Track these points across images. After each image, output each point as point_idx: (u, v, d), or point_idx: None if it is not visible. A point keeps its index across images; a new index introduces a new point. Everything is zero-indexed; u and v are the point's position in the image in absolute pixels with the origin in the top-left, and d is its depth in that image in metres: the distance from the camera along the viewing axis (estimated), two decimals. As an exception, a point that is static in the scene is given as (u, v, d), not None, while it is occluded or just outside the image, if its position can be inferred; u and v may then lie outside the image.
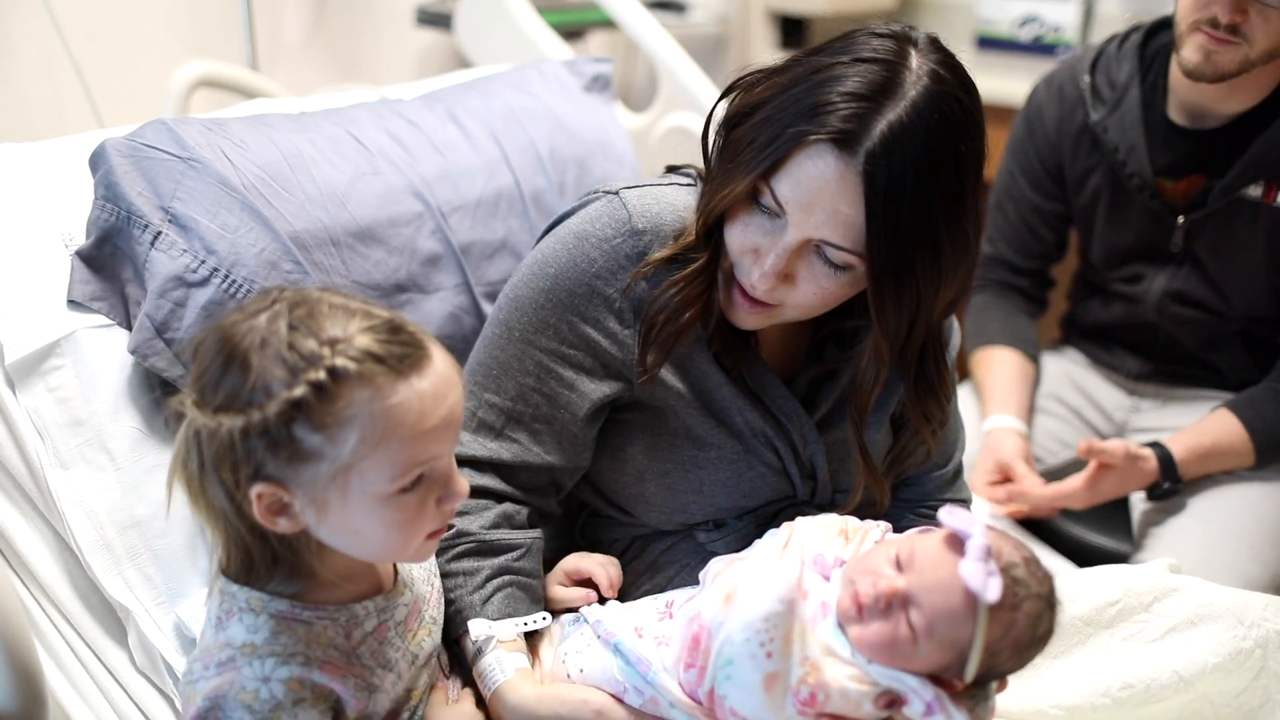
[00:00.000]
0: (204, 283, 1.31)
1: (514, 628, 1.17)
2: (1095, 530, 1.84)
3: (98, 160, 1.36)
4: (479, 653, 1.15)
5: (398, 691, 1.08)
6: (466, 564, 1.20)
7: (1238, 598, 1.28)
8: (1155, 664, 1.24)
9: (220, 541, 1.04)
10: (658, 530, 1.30)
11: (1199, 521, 1.72)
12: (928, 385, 1.26)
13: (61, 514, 1.23)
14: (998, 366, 1.97)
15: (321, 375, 0.94)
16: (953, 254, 1.13)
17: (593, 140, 1.79)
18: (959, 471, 1.38)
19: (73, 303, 1.31)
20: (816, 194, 1.08)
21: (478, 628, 1.15)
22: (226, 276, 1.31)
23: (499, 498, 1.24)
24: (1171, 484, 1.74)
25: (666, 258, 1.21)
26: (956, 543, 1.04)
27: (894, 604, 1.02)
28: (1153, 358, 1.95)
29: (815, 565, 1.11)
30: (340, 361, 0.95)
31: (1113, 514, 1.84)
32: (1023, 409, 1.93)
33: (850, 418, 1.24)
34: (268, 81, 2.32)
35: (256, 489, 0.96)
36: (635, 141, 1.98)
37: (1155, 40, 1.83)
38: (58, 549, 1.25)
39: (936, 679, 1.03)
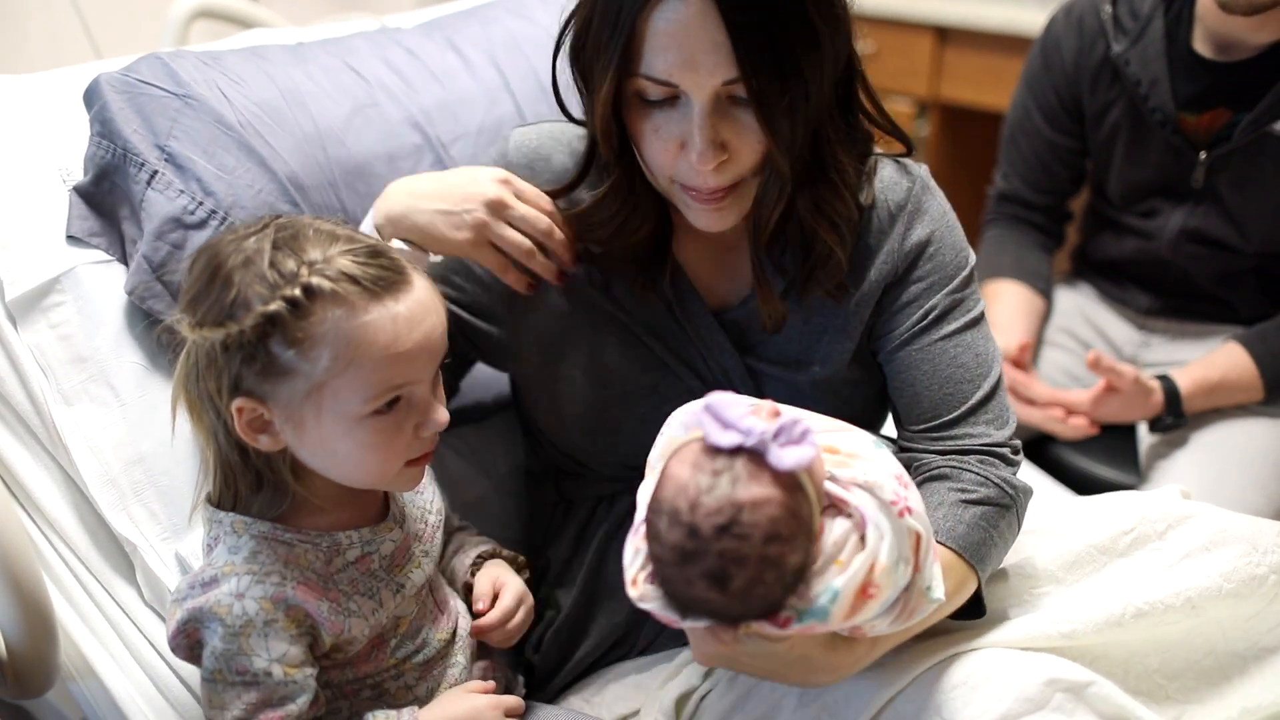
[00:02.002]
0: (202, 225, 1.30)
1: None
2: (1101, 462, 1.83)
3: (92, 96, 1.34)
4: None
5: (379, 620, 1.09)
6: None
7: (1252, 524, 1.27)
8: (1168, 590, 1.22)
9: (212, 467, 1.08)
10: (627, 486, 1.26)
11: (1206, 455, 1.72)
12: (823, 176, 1.16)
13: (66, 450, 1.24)
14: (1004, 299, 1.96)
15: (296, 291, 0.99)
16: (827, 25, 1.08)
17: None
18: (986, 400, 1.25)
19: (72, 238, 1.30)
20: (687, 44, 1.04)
21: None
22: (225, 219, 1.30)
23: None
24: (1174, 418, 1.73)
25: (557, 190, 1.21)
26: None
27: None
28: (1164, 293, 1.93)
29: None
30: (316, 280, 0.99)
31: (1119, 445, 1.84)
32: (1027, 339, 1.92)
33: (750, 237, 1.19)
34: (266, 11, 2.29)
35: (236, 403, 1.01)
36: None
37: None
38: (64, 485, 1.25)
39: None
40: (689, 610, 0.97)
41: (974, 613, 1.18)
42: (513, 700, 1.14)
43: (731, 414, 0.92)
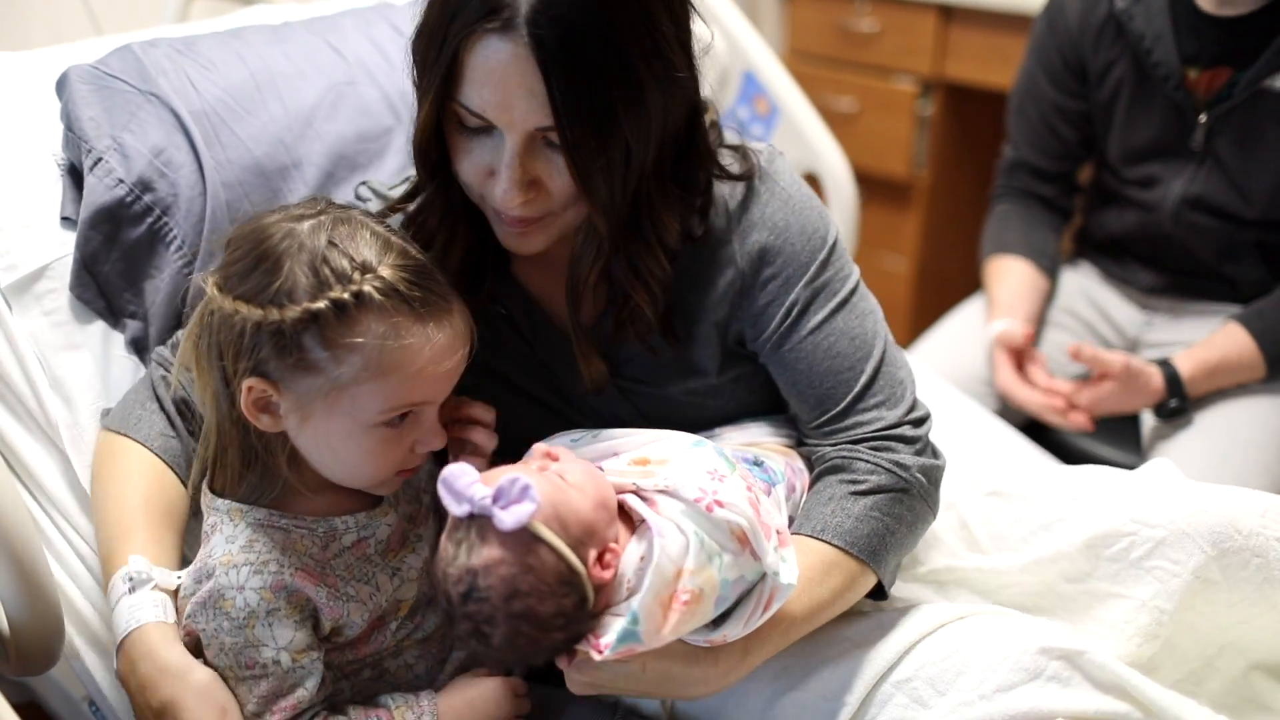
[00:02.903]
0: (137, 220, 1.29)
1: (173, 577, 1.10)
2: (1103, 442, 1.83)
3: (61, 87, 1.35)
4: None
5: (377, 603, 1.10)
6: None
7: (1233, 506, 1.20)
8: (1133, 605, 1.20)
9: (208, 434, 1.08)
10: None
11: (1207, 436, 1.72)
12: (640, 237, 1.13)
13: (60, 436, 1.24)
14: (1008, 276, 1.95)
15: (346, 296, 0.98)
16: (658, 87, 1.04)
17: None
18: (871, 383, 1.21)
19: (66, 219, 1.30)
20: (503, 87, 1.01)
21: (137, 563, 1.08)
22: (160, 217, 1.30)
23: None
24: (1179, 401, 1.73)
25: (392, 209, 1.19)
26: None
27: None
28: (1166, 270, 1.93)
29: None
30: (368, 288, 0.98)
31: (1121, 426, 1.84)
32: (1030, 317, 1.92)
33: (567, 300, 1.16)
34: (269, -13, 2.27)
35: (249, 382, 1.00)
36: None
37: None
38: (64, 465, 1.26)
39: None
40: (492, 665, 1.03)
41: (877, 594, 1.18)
42: (517, 681, 1.15)
43: (460, 484, 0.97)
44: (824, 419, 1.20)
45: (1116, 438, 1.83)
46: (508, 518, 0.95)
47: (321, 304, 0.97)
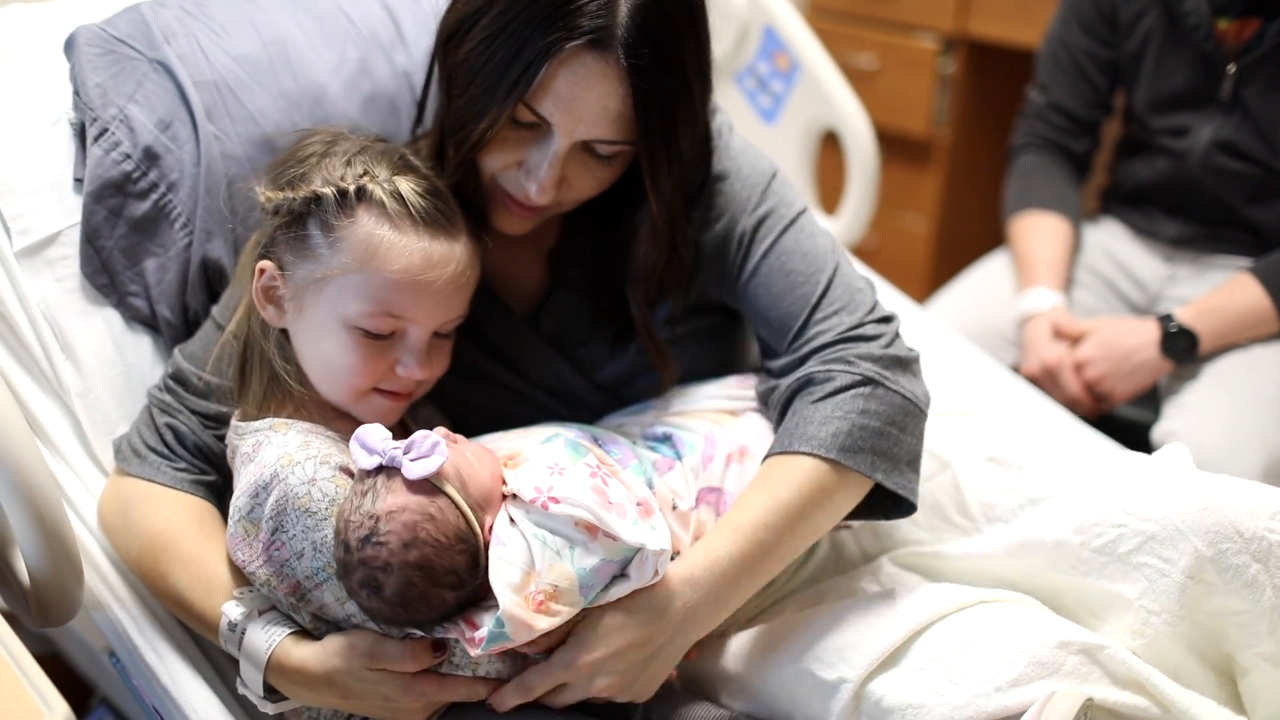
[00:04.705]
0: (143, 195, 1.29)
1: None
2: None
3: (69, 48, 1.33)
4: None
5: None
6: None
7: (1239, 503, 1.10)
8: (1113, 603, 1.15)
9: (239, 356, 1.16)
10: None
11: (1224, 391, 1.70)
12: (684, 237, 1.22)
13: (71, 402, 1.25)
14: (1041, 234, 1.94)
15: (349, 186, 1.07)
16: (702, 98, 1.15)
17: None
18: (826, 291, 1.22)
19: (79, 181, 1.30)
20: (581, 100, 1.06)
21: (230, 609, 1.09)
22: (165, 193, 1.29)
23: None
24: (1178, 329, 1.72)
25: None
26: None
27: None
28: (1193, 219, 1.91)
29: None
30: (372, 185, 1.07)
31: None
32: (1066, 282, 1.92)
33: (636, 300, 1.22)
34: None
35: (261, 263, 1.12)
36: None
37: None
38: (76, 423, 1.27)
39: None
40: (378, 621, 1.03)
41: (903, 510, 1.17)
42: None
43: (373, 440, 1.02)
44: (790, 336, 1.21)
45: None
46: (416, 468, 1.00)
47: (326, 189, 1.07)
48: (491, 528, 1.04)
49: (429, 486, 1.01)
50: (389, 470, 1.02)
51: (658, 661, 1.08)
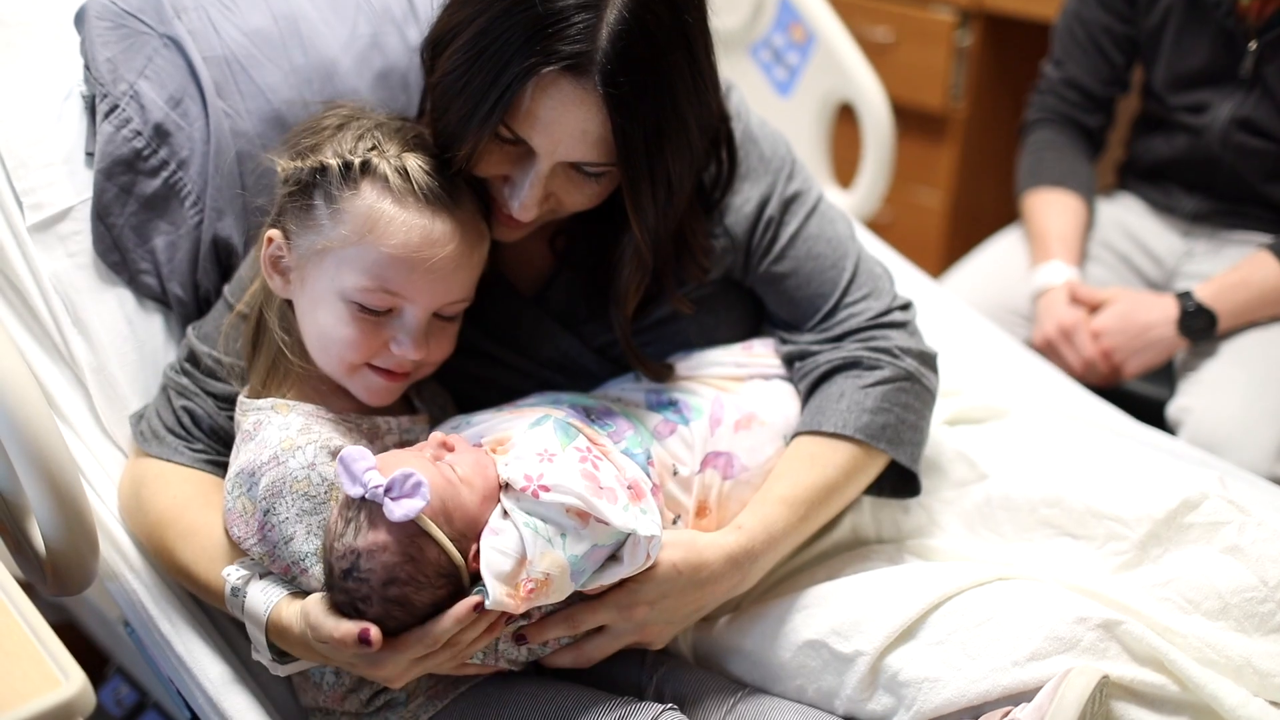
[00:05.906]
0: (154, 173, 1.28)
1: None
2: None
3: (79, 21, 1.33)
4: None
5: None
6: None
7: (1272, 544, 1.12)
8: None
9: (250, 322, 1.16)
10: None
11: (1240, 368, 1.70)
12: (689, 251, 1.23)
13: (83, 376, 1.26)
14: (1055, 210, 1.93)
15: (356, 159, 1.07)
16: (699, 126, 1.12)
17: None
18: (854, 276, 1.28)
19: (90, 155, 1.29)
20: (559, 124, 1.05)
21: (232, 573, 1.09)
22: (175, 171, 1.29)
23: None
24: (1195, 305, 1.71)
25: None
26: None
27: None
28: (1211, 195, 1.90)
29: None
30: (378, 160, 1.07)
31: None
32: (1079, 258, 1.91)
33: (617, 321, 1.21)
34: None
35: (270, 231, 1.12)
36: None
37: None
38: (88, 397, 1.27)
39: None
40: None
41: (910, 489, 1.25)
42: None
43: (356, 468, 0.99)
44: (819, 318, 1.27)
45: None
46: (397, 509, 0.97)
47: (334, 161, 1.07)
48: (478, 553, 1.02)
49: (411, 526, 0.99)
50: (371, 504, 1.00)
51: (692, 620, 1.14)
